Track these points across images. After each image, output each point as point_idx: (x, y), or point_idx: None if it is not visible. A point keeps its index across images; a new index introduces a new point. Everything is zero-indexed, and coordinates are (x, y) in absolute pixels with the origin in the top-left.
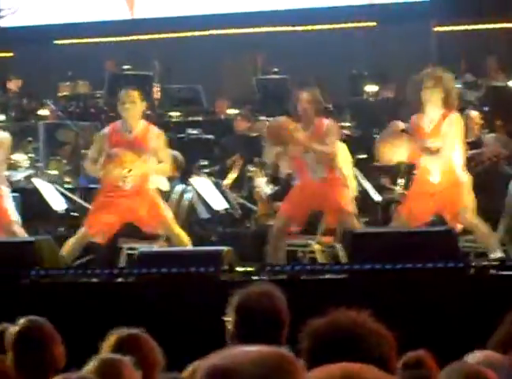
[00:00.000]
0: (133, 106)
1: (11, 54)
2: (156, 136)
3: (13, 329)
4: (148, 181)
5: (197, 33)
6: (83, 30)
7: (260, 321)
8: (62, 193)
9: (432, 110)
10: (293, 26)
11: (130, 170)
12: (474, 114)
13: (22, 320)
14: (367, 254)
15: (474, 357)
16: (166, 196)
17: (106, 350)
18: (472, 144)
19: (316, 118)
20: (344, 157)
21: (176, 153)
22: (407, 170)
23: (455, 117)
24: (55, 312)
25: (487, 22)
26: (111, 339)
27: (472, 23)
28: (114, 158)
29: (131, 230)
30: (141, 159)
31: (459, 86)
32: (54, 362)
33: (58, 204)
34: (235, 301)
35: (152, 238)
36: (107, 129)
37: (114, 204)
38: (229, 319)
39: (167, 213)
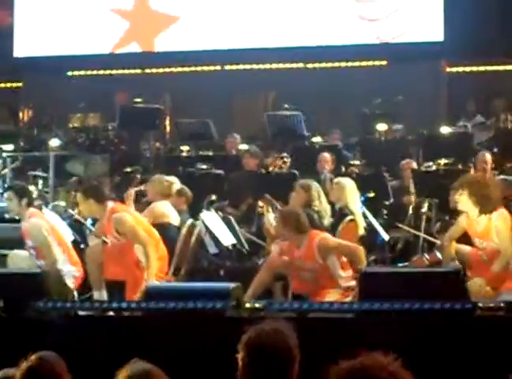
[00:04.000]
0: None
1: (23, 85)
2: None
3: (23, 365)
4: None
5: (209, 68)
6: (95, 62)
7: (270, 359)
8: (70, 225)
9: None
10: (305, 63)
11: None
12: (488, 156)
13: (33, 356)
14: (375, 293)
15: None
16: (177, 231)
17: None
18: None
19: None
20: (352, 195)
21: (183, 187)
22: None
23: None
24: (61, 345)
25: (497, 64)
26: (125, 372)
27: (482, 64)
28: None
29: None
30: None
31: (469, 127)
32: None
33: (65, 235)
34: (245, 338)
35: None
36: None
37: None
38: (240, 356)
39: None
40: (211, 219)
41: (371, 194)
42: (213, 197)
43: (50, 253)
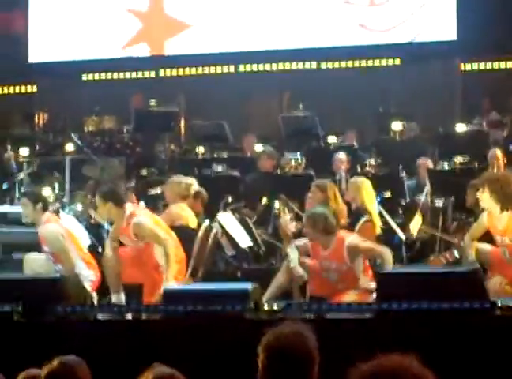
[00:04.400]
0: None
1: (37, 89)
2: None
3: (45, 369)
4: None
5: (223, 70)
6: (109, 65)
7: (290, 361)
8: (87, 228)
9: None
10: (319, 64)
11: None
12: (498, 153)
13: (55, 361)
14: (393, 294)
15: None
16: (194, 233)
17: None
18: None
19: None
20: (368, 194)
21: (200, 188)
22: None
23: None
24: (80, 349)
25: (511, 61)
26: (148, 377)
27: (496, 61)
28: None
29: None
30: None
31: (485, 125)
32: None
33: (83, 238)
34: (264, 340)
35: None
36: None
37: None
38: (259, 359)
39: None
40: (227, 220)
41: (388, 194)
42: (229, 199)
43: (68, 258)
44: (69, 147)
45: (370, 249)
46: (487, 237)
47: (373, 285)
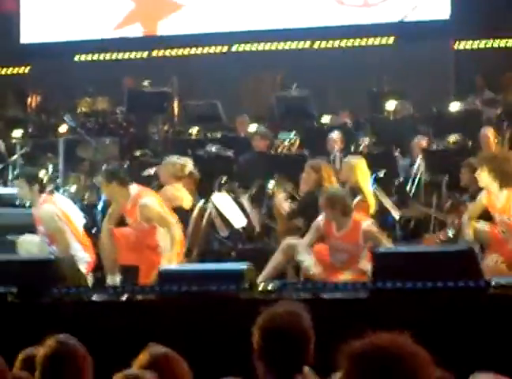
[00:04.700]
0: None
1: (30, 70)
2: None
3: (42, 349)
4: None
5: (216, 50)
6: (102, 46)
7: (285, 341)
8: (81, 209)
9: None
10: (313, 43)
11: None
12: (490, 131)
13: (51, 340)
14: (388, 273)
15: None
16: (189, 213)
17: (139, 366)
18: None
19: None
20: (363, 174)
21: (193, 169)
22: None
23: None
24: (76, 330)
25: (504, 39)
26: (143, 357)
27: (489, 39)
28: None
29: None
30: None
31: (478, 104)
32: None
33: (78, 219)
34: (259, 321)
35: None
36: None
37: None
38: (254, 339)
39: None
40: (222, 201)
41: (382, 173)
42: (223, 179)
43: (63, 239)
44: (63, 128)
45: (380, 240)
46: (486, 215)
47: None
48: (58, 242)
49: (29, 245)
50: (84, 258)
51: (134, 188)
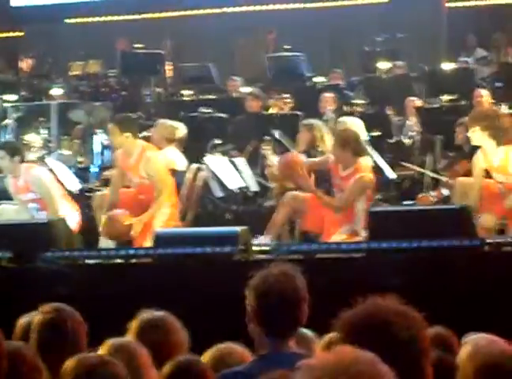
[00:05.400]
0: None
1: (22, 34)
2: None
3: (37, 316)
4: None
5: (208, 11)
6: (94, 9)
7: (278, 301)
8: (75, 173)
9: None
10: (305, 3)
11: None
12: (482, 91)
13: (46, 307)
14: (383, 232)
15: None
16: (182, 175)
17: (133, 332)
18: None
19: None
20: (361, 133)
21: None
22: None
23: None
24: (71, 294)
25: None
26: (138, 321)
27: None
28: None
29: None
30: None
31: (471, 62)
32: (78, 347)
33: (72, 183)
34: (252, 282)
35: None
36: None
37: None
38: (248, 300)
39: None
40: (215, 162)
41: (376, 133)
42: (217, 141)
43: (53, 202)
44: (55, 91)
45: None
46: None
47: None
48: (47, 206)
49: (8, 213)
50: (73, 218)
51: (140, 142)
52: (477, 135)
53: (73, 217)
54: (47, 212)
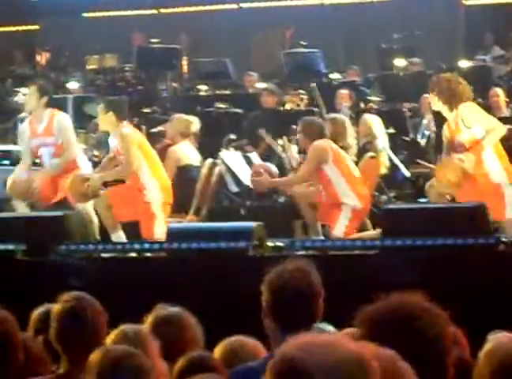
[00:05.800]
0: None
1: (39, 28)
2: None
3: (58, 305)
4: None
5: (225, 6)
6: (111, 3)
7: (294, 297)
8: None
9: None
10: (322, 0)
11: None
12: (498, 90)
13: (66, 296)
14: (398, 230)
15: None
16: (198, 171)
17: (148, 327)
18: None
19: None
20: (380, 130)
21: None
22: None
23: None
24: (85, 287)
25: None
26: (153, 316)
27: None
28: None
29: None
30: None
31: (489, 60)
32: (98, 336)
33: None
34: (267, 278)
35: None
36: None
37: None
38: (263, 297)
39: None
40: (231, 157)
41: (391, 130)
42: (232, 136)
43: (71, 148)
44: (72, 85)
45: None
46: None
47: (358, 204)
48: (66, 151)
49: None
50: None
51: (127, 126)
52: (435, 100)
53: (87, 165)
54: (60, 159)
